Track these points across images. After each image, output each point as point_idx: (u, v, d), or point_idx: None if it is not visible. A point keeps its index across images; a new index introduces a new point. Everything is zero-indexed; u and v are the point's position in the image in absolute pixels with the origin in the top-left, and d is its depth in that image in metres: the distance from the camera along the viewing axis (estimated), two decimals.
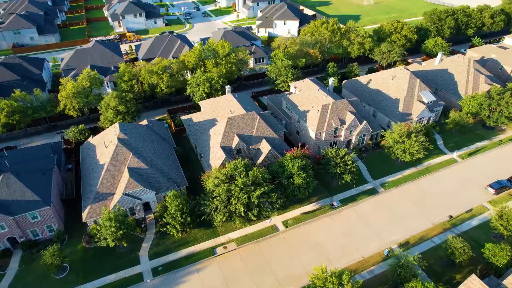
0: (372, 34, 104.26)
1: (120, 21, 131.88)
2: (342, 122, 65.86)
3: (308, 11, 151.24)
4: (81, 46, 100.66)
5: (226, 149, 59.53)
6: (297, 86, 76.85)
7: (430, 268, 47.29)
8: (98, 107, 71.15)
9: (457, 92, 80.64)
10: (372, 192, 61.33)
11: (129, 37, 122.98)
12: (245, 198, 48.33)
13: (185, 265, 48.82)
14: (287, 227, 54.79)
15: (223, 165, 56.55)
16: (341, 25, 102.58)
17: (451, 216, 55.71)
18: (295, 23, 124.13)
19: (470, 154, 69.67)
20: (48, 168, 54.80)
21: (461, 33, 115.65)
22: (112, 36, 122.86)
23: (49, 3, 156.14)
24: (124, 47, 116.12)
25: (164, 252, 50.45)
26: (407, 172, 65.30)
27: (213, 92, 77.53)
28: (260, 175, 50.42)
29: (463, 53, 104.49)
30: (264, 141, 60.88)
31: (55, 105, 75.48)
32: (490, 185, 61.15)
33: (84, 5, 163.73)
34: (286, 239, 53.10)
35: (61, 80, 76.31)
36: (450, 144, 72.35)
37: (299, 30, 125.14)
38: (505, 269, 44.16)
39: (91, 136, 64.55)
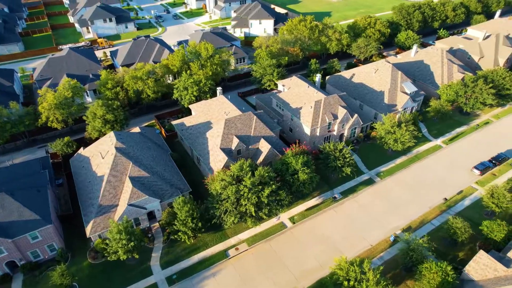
0: (347, 30, 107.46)
1: (89, 27, 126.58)
2: (335, 117, 67.63)
3: (279, 10, 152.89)
4: (53, 55, 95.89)
5: (226, 151, 59.25)
6: (285, 84, 77.84)
7: (434, 249, 49.80)
8: (84, 117, 68.22)
9: (434, 81, 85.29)
10: (369, 182, 63.58)
11: (101, 43, 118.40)
12: (254, 198, 48.49)
13: (199, 270, 48.26)
14: (294, 223, 55.61)
15: (225, 167, 56.28)
16: (317, 23, 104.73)
17: (446, 199, 59.06)
18: (271, 22, 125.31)
19: (452, 140, 74.06)
20: (42, 184, 51.93)
21: (428, 26, 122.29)
22: (82, 43, 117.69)
23: (6, 10, 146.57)
24: (97, 54, 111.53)
25: (175, 260, 49.52)
26: (399, 160, 68.30)
27: (202, 95, 76.77)
28: (266, 174, 50.79)
29: (433, 45, 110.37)
30: (262, 140, 61.24)
31: (34, 118, 71.47)
32: (475, 167, 65.41)
33: (45, 11, 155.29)
34: (295, 235, 53.89)
35: (39, 91, 72.46)
36: (434, 131, 76.50)
37: (274, 29, 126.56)
38: (503, 243, 47.56)
39: (82, 147, 61.75)
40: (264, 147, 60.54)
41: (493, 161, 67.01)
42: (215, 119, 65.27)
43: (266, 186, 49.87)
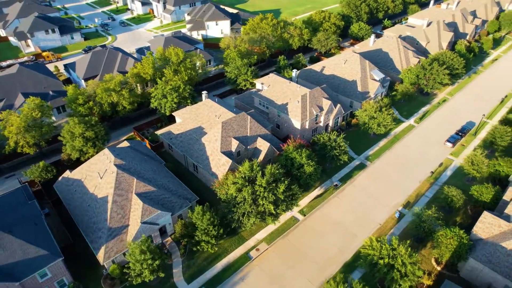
0: (306, 25, 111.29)
1: (29, 40, 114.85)
2: (321, 109, 70.21)
3: (229, 10, 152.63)
4: None
5: (226, 154, 58.50)
6: (264, 82, 78.65)
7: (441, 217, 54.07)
8: (60, 137, 62.37)
9: (394, 67, 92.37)
10: (361, 166, 67.24)
11: (47, 57, 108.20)
12: (272, 196, 48.76)
13: (227, 277, 47.32)
14: (304, 215, 56.92)
15: (231, 170, 55.64)
16: (277, 20, 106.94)
17: (432, 172, 64.75)
18: (227, 22, 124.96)
19: (421, 118, 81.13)
20: (36, 215, 46.87)
21: (374, 17, 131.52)
22: (25, 58, 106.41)
23: None
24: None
25: (199, 271, 47.96)
26: (382, 143, 73.08)
27: (182, 100, 74.49)
28: (277, 171, 51.30)
29: (382, 34, 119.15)
30: (260, 139, 61.51)
31: None
32: (447, 140, 72.58)
33: None
34: (308, 226, 55.25)
35: None
36: (404, 112, 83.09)
37: (231, 29, 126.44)
38: (492, 204, 53.59)
39: (68, 170, 56.52)
40: (263, 145, 60.87)
41: (460, 133, 74.93)
42: (206, 123, 63.96)
43: (279, 182, 50.44)
